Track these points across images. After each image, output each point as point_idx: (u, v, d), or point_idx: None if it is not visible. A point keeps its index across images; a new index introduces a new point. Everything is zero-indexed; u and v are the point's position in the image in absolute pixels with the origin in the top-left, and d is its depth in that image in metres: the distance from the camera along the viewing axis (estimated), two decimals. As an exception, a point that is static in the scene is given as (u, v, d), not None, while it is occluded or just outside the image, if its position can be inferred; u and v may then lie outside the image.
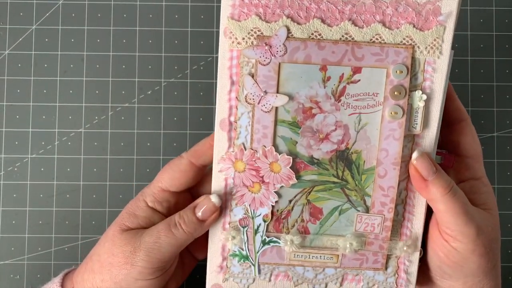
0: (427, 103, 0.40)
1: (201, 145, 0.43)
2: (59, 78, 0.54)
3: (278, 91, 0.40)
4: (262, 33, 0.39)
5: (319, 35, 0.39)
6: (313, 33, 0.39)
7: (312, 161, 0.41)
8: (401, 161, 0.40)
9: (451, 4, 0.39)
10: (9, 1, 0.55)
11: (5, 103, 0.54)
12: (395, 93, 0.39)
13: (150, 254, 0.40)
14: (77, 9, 0.55)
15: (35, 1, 0.55)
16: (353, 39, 0.39)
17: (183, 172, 0.43)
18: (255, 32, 0.39)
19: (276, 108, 0.40)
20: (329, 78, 0.40)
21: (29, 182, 0.54)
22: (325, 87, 0.40)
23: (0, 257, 0.54)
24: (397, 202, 0.42)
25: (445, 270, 0.42)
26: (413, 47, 0.39)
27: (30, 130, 0.54)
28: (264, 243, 0.43)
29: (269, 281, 0.44)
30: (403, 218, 0.42)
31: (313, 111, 0.40)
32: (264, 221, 0.42)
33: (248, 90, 0.40)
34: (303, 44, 0.39)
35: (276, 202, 0.42)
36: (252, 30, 0.39)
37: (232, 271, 0.43)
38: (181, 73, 0.55)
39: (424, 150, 0.41)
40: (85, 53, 0.55)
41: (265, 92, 0.40)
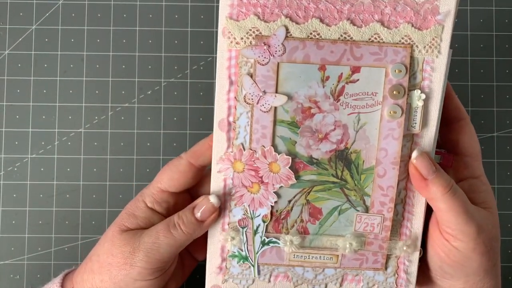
0: (426, 102, 0.40)
1: (200, 145, 0.43)
2: (59, 78, 0.54)
3: (277, 91, 0.40)
4: (260, 32, 0.39)
5: (318, 34, 0.39)
6: (311, 33, 0.39)
7: (311, 161, 0.41)
8: (400, 161, 0.40)
9: (449, 3, 0.39)
10: (9, 1, 0.55)
11: (5, 103, 0.54)
12: (394, 92, 0.39)
13: (149, 254, 0.40)
14: (77, 9, 0.55)
15: (35, 1, 0.55)
16: (351, 38, 0.39)
17: (182, 173, 0.43)
18: (253, 32, 0.39)
19: (275, 108, 0.40)
20: (328, 78, 0.40)
21: (29, 182, 0.54)
22: (324, 86, 0.40)
23: (0, 257, 0.54)
24: (397, 202, 0.42)
25: (446, 270, 0.42)
26: (412, 46, 0.39)
27: (30, 130, 0.54)
28: (263, 243, 0.43)
29: (269, 282, 0.44)
30: (403, 217, 0.42)
31: (312, 111, 0.40)
32: (264, 221, 0.42)
33: (247, 90, 0.40)
34: (301, 44, 0.39)
35: (275, 202, 0.42)
36: (250, 30, 0.39)
37: (232, 272, 0.43)
38: (181, 73, 0.55)
39: (423, 149, 0.40)
40: (85, 53, 0.55)
41: (264, 92, 0.40)
